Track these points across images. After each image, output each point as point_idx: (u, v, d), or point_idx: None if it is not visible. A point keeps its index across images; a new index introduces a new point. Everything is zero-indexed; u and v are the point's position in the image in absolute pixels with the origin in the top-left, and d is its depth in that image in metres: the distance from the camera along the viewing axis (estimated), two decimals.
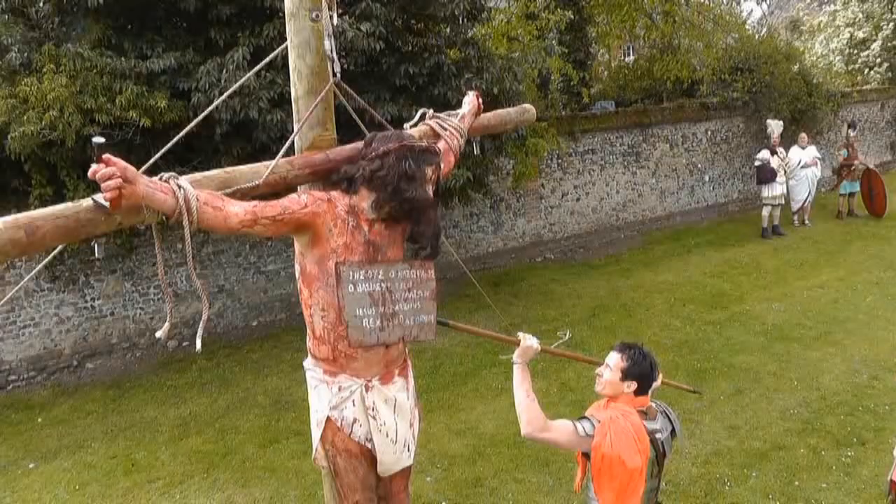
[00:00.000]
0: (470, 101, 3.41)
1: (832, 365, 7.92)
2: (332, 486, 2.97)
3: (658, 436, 3.41)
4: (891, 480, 4.52)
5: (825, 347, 8.39)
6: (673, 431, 3.58)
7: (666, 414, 3.58)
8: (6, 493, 6.43)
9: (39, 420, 7.83)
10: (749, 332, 9.01)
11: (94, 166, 2.07)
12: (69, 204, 2.16)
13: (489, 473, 6.15)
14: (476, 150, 3.54)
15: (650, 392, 3.53)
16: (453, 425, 7.01)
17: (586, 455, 3.34)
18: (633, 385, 3.40)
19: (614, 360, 3.43)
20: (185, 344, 9.61)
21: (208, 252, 10.05)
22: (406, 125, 3.16)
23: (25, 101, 7.18)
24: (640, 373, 3.40)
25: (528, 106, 3.77)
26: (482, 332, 3.62)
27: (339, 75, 2.81)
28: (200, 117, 2.88)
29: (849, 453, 6.16)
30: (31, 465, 6.85)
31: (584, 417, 3.38)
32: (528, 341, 3.44)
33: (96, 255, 2.55)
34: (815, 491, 5.65)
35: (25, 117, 7.08)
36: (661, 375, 3.82)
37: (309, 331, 2.85)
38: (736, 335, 8.93)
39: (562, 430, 3.30)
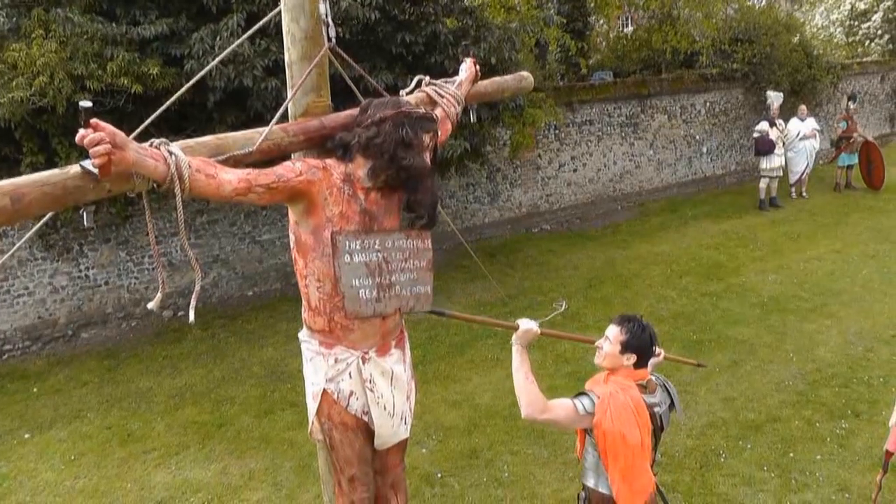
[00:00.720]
0: (467, 67, 3.34)
1: (828, 337, 7.93)
2: (327, 459, 2.95)
3: (656, 409, 3.40)
4: (886, 450, 4.54)
5: (821, 319, 8.40)
6: (672, 405, 3.58)
7: (665, 387, 3.58)
8: (2, 462, 6.43)
9: (35, 390, 7.81)
10: (745, 303, 9.02)
11: (81, 131, 2.00)
12: (56, 170, 2.09)
13: (485, 445, 6.16)
14: (473, 119, 3.47)
15: (650, 366, 3.50)
16: (449, 396, 7.01)
17: (587, 431, 3.32)
18: (633, 358, 3.37)
19: (613, 332, 3.40)
20: (180, 314, 9.59)
21: (203, 221, 9.99)
22: (402, 92, 3.09)
23: (14, 67, 7.05)
24: (640, 345, 3.37)
25: (525, 73, 3.70)
26: (479, 318, 3.63)
27: (333, 41, 2.74)
28: (192, 82, 2.81)
29: (843, 425, 6.18)
30: (26, 435, 6.84)
31: (583, 393, 3.34)
32: (527, 325, 3.38)
33: (85, 223, 2.49)
34: (810, 462, 5.68)
35: (14, 83, 6.96)
36: (662, 351, 3.81)
37: (304, 302, 2.80)
38: (732, 307, 8.93)
39: (562, 409, 3.27)
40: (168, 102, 2.65)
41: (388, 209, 2.74)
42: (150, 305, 2.42)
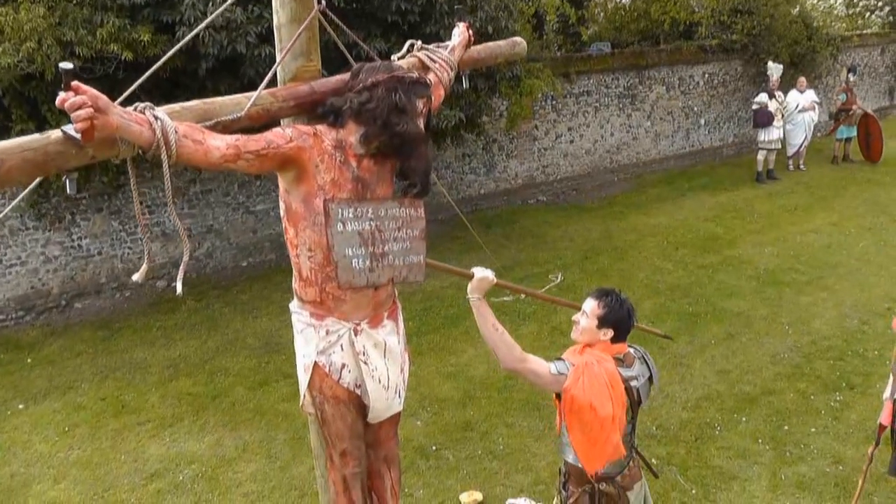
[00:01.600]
0: (460, 32, 3.26)
1: (823, 310, 7.92)
2: (319, 433, 2.91)
3: (633, 383, 3.34)
4: (879, 424, 4.53)
5: (817, 292, 8.39)
6: (651, 378, 3.51)
7: (644, 360, 3.51)
8: None
9: (29, 360, 7.78)
10: (741, 276, 9.00)
11: (61, 94, 1.93)
12: (37, 136, 2.01)
13: (479, 417, 6.15)
14: (466, 85, 3.39)
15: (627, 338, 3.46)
16: (443, 368, 7.00)
17: (559, 396, 3.27)
18: (610, 332, 3.32)
19: (590, 306, 3.35)
20: (173, 284, 9.49)
21: (196, 191, 9.90)
22: (393, 57, 3.01)
23: (1, 33, 6.91)
24: (617, 319, 3.32)
25: (518, 39, 3.61)
26: (437, 264, 3.40)
27: (324, 3, 2.66)
28: (182, 42, 2.72)
29: (837, 398, 6.18)
30: (20, 406, 6.82)
31: (559, 359, 3.31)
32: (482, 273, 3.26)
33: (68, 191, 2.42)
34: (804, 435, 5.68)
35: (1, 49, 6.81)
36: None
37: (295, 272, 2.74)
38: (728, 279, 8.91)
39: (537, 363, 3.24)
40: (157, 65, 2.56)
41: (380, 177, 2.67)
42: (135, 277, 2.35)
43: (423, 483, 5.35)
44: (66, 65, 1.94)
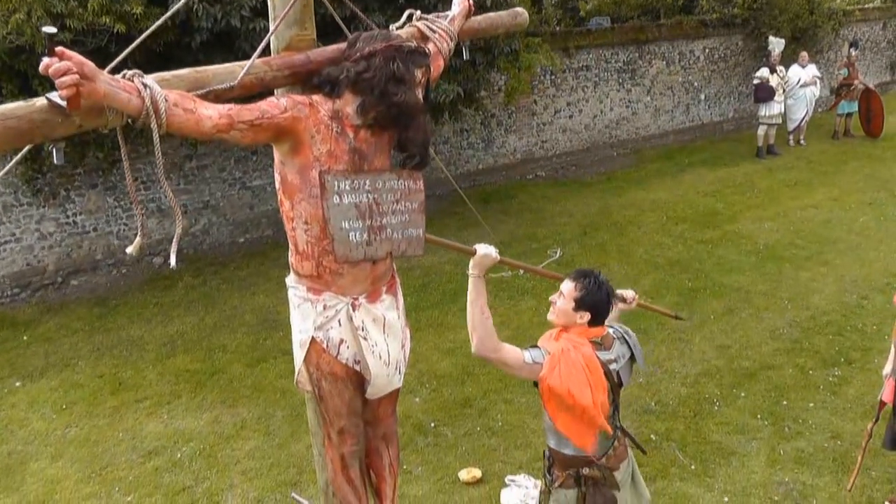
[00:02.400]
0: (460, 1, 3.17)
1: (823, 285, 7.89)
2: (316, 411, 2.87)
3: (612, 366, 3.26)
4: (880, 400, 4.50)
5: (816, 267, 8.36)
6: (632, 357, 3.43)
7: (625, 339, 3.42)
8: None
9: (25, 338, 7.75)
10: (741, 251, 8.96)
11: (45, 60, 1.85)
12: (21, 103, 1.94)
13: (478, 394, 6.13)
14: (466, 56, 3.31)
15: (617, 312, 3.41)
16: (442, 344, 6.97)
17: (537, 384, 3.20)
18: (587, 316, 3.22)
19: (567, 288, 3.24)
20: (170, 259, 9.47)
21: (192, 167, 9.82)
22: (392, 27, 2.93)
23: None
24: (594, 302, 3.21)
25: (520, 9, 3.53)
26: (439, 240, 3.42)
27: None
28: (172, 10, 2.64)
29: (836, 373, 6.17)
30: (17, 384, 6.79)
31: (535, 346, 3.23)
32: (485, 250, 3.18)
33: (55, 160, 2.37)
34: (803, 410, 5.67)
35: None
36: (636, 297, 3.69)
37: (291, 245, 2.69)
38: (727, 254, 8.87)
39: (512, 354, 3.14)
40: (146, 33, 2.49)
41: (378, 148, 2.61)
42: (129, 250, 2.30)
43: (422, 460, 5.34)
44: (50, 28, 1.86)
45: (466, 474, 5.11)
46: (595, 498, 3.27)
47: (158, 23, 2.54)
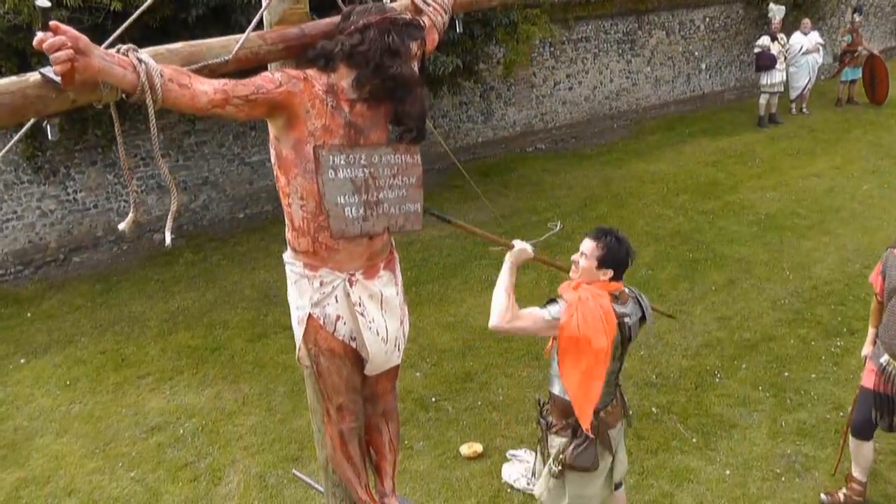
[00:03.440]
0: None
1: (825, 254, 7.87)
2: (315, 387, 2.87)
3: (626, 319, 3.42)
4: (861, 386, 4.44)
5: (818, 237, 8.33)
6: (643, 317, 3.58)
7: (638, 300, 3.59)
8: None
9: (28, 315, 7.77)
10: (742, 221, 8.93)
11: (39, 34, 1.82)
12: (14, 78, 1.91)
13: (479, 368, 6.15)
14: (459, 29, 3.28)
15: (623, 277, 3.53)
16: (442, 319, 6.98)
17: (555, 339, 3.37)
18: (609, 273, 3.40)
19: (589, 247, 3.41)
20: (171, 237, 9.46)
21: (191, 143, 9.77)
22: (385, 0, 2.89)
23: None
24: (616, 260, 3.39)
25: None
26: (479, 232, 3.71)
27: None
28: None
29: (838, 343, 6.18)
30: (21, 361, 6.82)
31: (552, 300, 3.41)
32: (521, 245, 3.46)
33: (49, 136, 2.36)
34: (805, 382, 5.69)
35: None
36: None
37: (287, 221, 2.67)
38: (729, 225, 8.85)
39: (530, 317, 3.35)
40: (142, 8, 2.46)
41: (374, 122, 2.58)
42: (122, 226, 2.29)
43: (423, 435, 5.37)
44: (44, 2, 1.83)
45: (468, 449, 5.14)
46: (582, 451, 3.44)
47: None
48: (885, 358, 4.22)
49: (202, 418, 5.74)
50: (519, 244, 3.47)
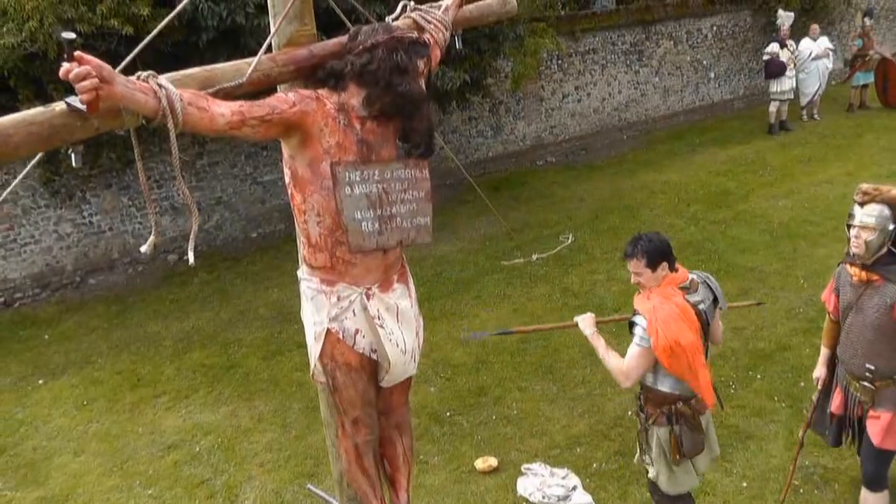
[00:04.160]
0: None
1: (839, 261, 7.80)
2: (328, 402, 2.90)
3: (700, 307, 3.62)
4: (831, 413, 4.32)
5: (832, 244, 8.26)
6: (715, 300, 3.76)
7: (707, 283, 3.77)
8: (18, 408, 6.51)
9: (46, 337, 7.86)
10: (754, 230, 8.89)
11: (65, 65, 1.88)
12: (41, 109, 1.97)
13: (493, 382, 6.15)
14: (458, 45, 3.33)
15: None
16: (456, 333, 6.99)
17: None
18: (664, 264, 3.58)
19: (632, 263, 3.61)
20: (185, 258, 9.54)
21: (203, 164, 9.88)
22: (387, 18, 2.95)
23: (4, 13, 6.94)
24: (659, 251, 3.58)
25: None
26: (543, 326, 4.43)
27: None
28: (178, 9, 2.67)
29: None
30: (40, 381, 6.90)
31: (633, 322, 3.58)
32: (580, 318, 3.85)
33: (74, 163, 2.41)
34: None
35: (5, 29, 6.85)
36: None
37: (303, 238, 2.72)
38: (741, 234, 8.82)
39: (638, 359, 3.56)
40: (154, 32, 2.53)
41: (384, 138, 2.63)
42: (143, 248, 2.33)
43: (438, 450, 5.37)
44: (69, 34, 1.89)
45: (482, 463, 5.13)
46: (686, 437, 3.70)
47: (164, 22, 2.57)
48: (846, 380, 4.12)
49: (218, 436, 5.77)
50: (579, 319, 3.84)
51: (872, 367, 3.91)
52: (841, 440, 4.33)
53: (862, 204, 3.99)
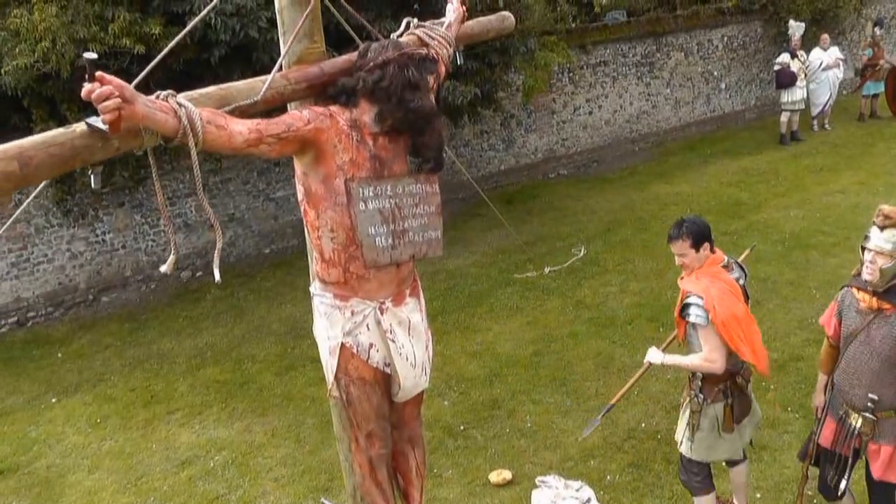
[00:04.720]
0: (455, 8, 3.21)
1: (851, 271, 7.75)
2: (341, 416, 2.91)
3: (741, 282, 3.96)
4: (817, 444, 4.10)
5: (844, 254, 8.22)
6: (745, 277, 4.09)
7: (738, 264, 4.13)
8: (31, 426, 6.54)
9: (59, 355, 7.90)
10: (767, 240, 8.85)
11: (87, 86, 1.89)
12: (61, 130, 1.97)
13: (506, 395, 6.14)
14: (460, 61, 3.37)
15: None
16: (469, 347, 6.99)
17: (693, 326, 3.87)
18: (707, 246, 3.82)
19: (677, 246, 3.83)
20: (198, 274, 9.60)
21: (216, 181, 9.94)
22: (392, 35, 2.98)
23: (17, 34, 7.00)
24: (702, 232, 3.81)
25: (506, 13, 3.63)
26: (626, 388, 4.54)
27: None
28: (191, 25, 2.71)
29: None
30: (53, 400, 6.93)
31: (688, 303, 3.79)
32: (651, 354, 4.18)
33: (93, 185, 2.42)
34: None
35: (18, 50, 6.92)
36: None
37: (316, 254, 2.74)
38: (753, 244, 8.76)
39: (712, 340, 3.75)
40: (168, 48, 2.57)
41: (395, 154, 2.66)
42: (163, 269, 2.33)
43: (452, 463, 5.36)
44: (91, 55, 1.90)
45: (496, 476, 5.11)
46: (739, 405, 4.01)
47: (177, 39, 2.61)
48: (843, 409, 3.88)
49: (232, 451, 5.78)
50: (648, 359, 4.17)
51: (875, 398, 3.70)
52: (829, 485, 4.03)
53: (882, 228, 3.70)
